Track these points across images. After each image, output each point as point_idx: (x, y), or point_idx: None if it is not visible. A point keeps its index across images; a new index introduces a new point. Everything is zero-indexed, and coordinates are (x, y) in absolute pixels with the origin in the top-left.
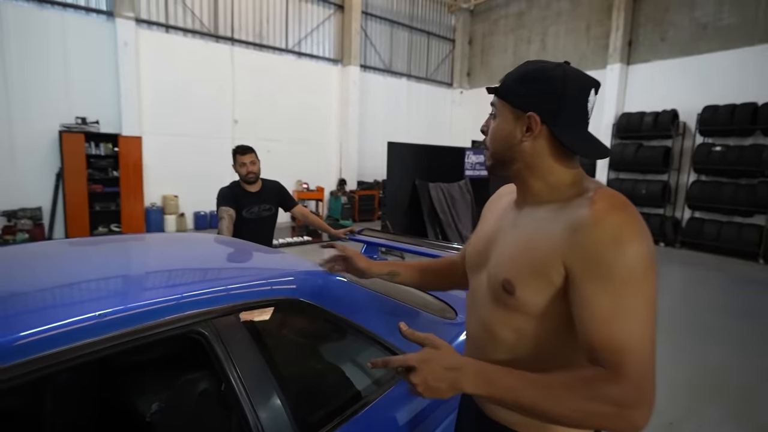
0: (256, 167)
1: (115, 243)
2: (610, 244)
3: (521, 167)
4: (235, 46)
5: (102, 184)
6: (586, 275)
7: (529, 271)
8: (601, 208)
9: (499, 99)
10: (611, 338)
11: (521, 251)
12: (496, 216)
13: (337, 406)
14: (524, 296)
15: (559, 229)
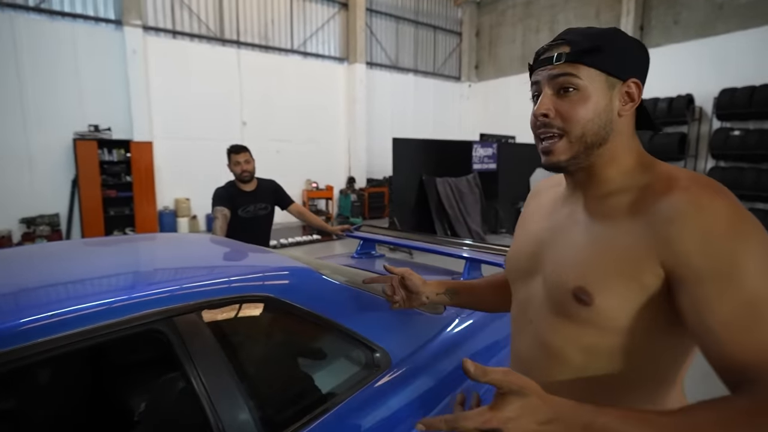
0: (250, 166)
1: (90, 246)
2: (726, 233)
3: (606, 150)
4: (241, 48)
5: (116, 189)
6: (704, 273)
7: (612, 275)
8: (700, 193)
9: (580, 65)
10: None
11: (597, 252)
12: (543, 213)
13: (306, 405)
14: (605, 306)
15: (647, 223)
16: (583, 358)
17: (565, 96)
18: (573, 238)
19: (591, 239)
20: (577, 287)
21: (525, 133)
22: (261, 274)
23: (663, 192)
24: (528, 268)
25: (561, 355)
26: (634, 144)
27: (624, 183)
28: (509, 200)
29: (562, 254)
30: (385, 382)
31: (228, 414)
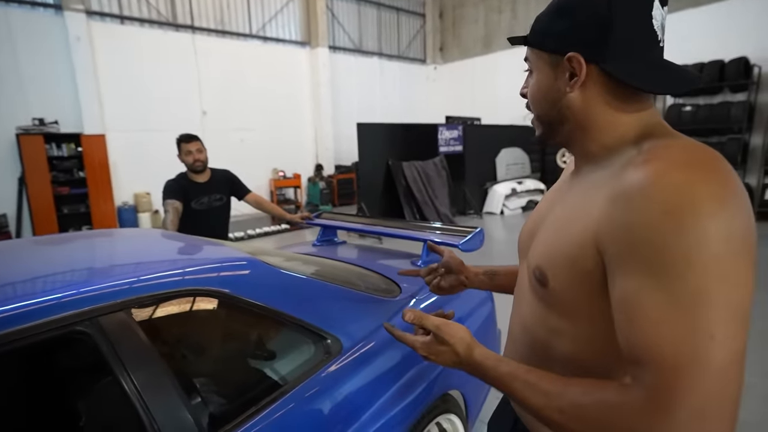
0: (203, 156)
1: (19, 246)
2: (661, 219)
3: (573, 127)
4: (196, 34)
5: (68, 185)
6: (627, 262)
7: (561, 256)
8: (658, 167)
9: (530, 49)
10: (658, 351)
11: (557, 232)
12: (554, 190)
13: (251, 398)
14: (557, 289)
15: (599, 199)
16: (550, 339)
17: (529, 77)
18: (554, 216)
19: (560, 217)
20: (536, 267)
21: (490, 115)
22: (199, 267)
23: (630, 164)
24: (525, 245)
25: (534, 334)
26: (617, 116)
27: (610, 158)
28: (476, 182)
29: (543, 232)
30: (335, 368)
31: (163, 414)
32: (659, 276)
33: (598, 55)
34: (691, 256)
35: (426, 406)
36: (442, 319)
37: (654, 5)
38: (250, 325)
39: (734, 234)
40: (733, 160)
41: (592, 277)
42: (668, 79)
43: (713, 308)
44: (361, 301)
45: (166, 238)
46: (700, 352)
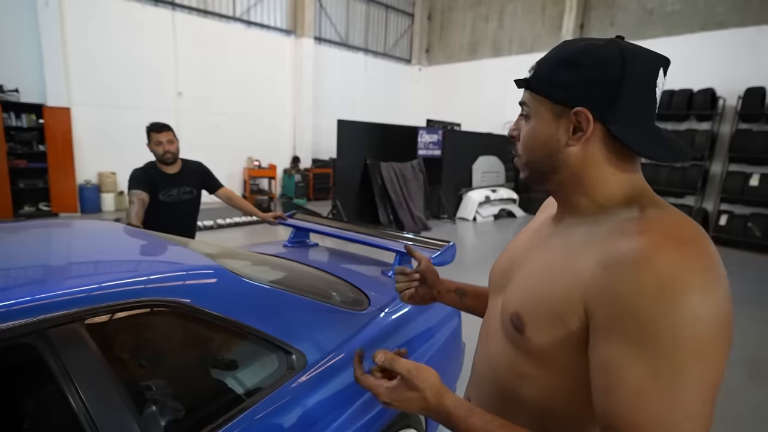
0: (174, 146)
1: None
2: (653, 296)
3: (565, 178)
4: (176, 11)
5: (26, 159)
6: (614, 330)
7: (544, 308)
8: (651, 241)
9: (532, 93)
10: (634, 421)
11: (540, 281)
12: (532, 230)
13: (210, 413)
14: (534, 338)
15: (589, 260)
16: (520, 383)
17: (525, 122)
18: (534, 262)
19: (543, 266)
20: (514, 312)
21: (470, 121)
22: (161, 275)
23: (621, 232)
24: (499, 283)
25: (501, 377)
26: (612, 174)
27: (599, 215)
28: (452, 187)
29: (521, 277)
30: (300, 383)
31: (111, 430)
32: (645, 349)
33: (606, 114)
34: (678, 335)
35: (386, 421)
36: (413, 362)
37: (659, 74)
38: (211, 338)
39: (719, 316)
40: (694, 186)
41: (573, 333)
42: (665, 148)
43: (692, 387)
44: (328, 313)
45: (129, 235)
46: (676, 428)
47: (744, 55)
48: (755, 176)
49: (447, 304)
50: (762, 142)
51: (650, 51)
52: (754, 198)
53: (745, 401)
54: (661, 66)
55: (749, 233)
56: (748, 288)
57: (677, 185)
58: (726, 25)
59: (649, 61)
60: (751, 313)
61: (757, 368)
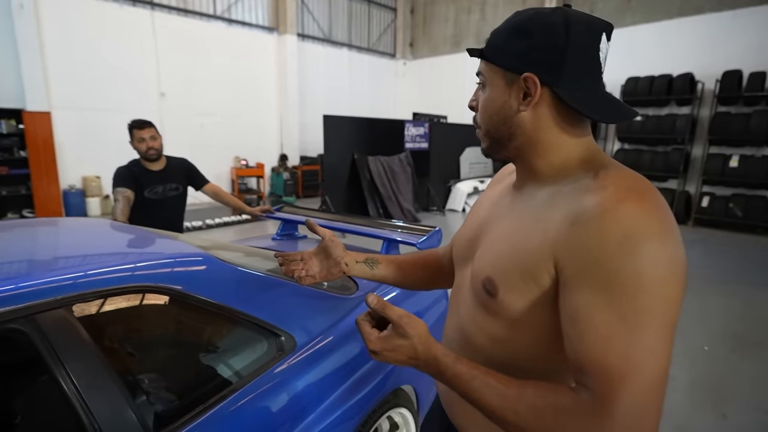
0: (157, 143)
1: None
2: (619, 243)
3: (522, 144)
4: (155, 10)
5: (7, 165)
6: (583, 281)
7: (516, 269)
8: (613, 195)
9: (486, 62)
10: (605, 362)
11: (511, 245)
12: (492, 201)
13: (200, 396)
14: (507, 300)
15: (556, 219)
16: (491, 347)
17: (481, 90)
18: (499, 229)
19: (511, 230)
20: (486, 277)
21: (456, 113)
22: (148, 262)
23: (583, 190)
24: (466, 254)
25: (472, 340)
26: (564, 138)
27: (558, 178)
28: (441, 179)
29: (488, 244)
30: (288, 365)
31: (105, 414)
32: (612, 294)
33: (553, 80)
34: (641, 278)
35: (378, 400)
36: (403, 310)
37: (602, 39)
38: (201, 323)
39: (676, 260)
40: (676, 170)
41: (543, 290)
42: (611, 110)
43: (654, 326)
44: (316, 297)
45: (115, 229)
46: (641, 364)
47: (720, 39)
48: (735, 158)
49: (357, 276)
50: (740, 124)
51: (593, 17)
52: (734, 179)
53: (729, 373)
54: (604, 31)
55: (731, 213)
56: (731, 266)
57: (660, 169)
58: (702, 10)
59: (592, 27)
60: (734, 290)
61: (740, 342)
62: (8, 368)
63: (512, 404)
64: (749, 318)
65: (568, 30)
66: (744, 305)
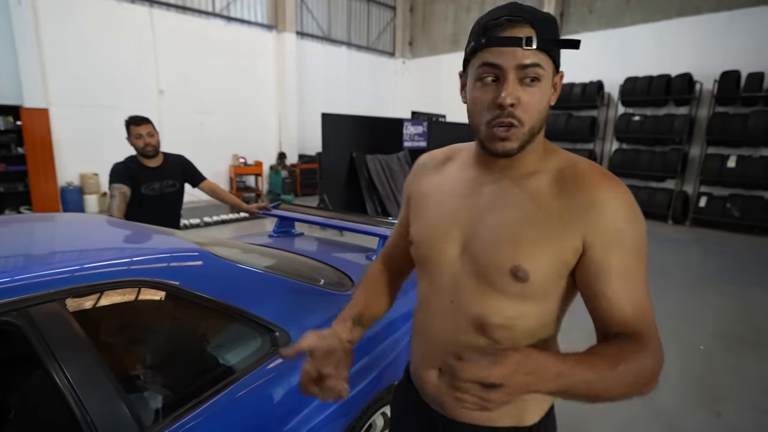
0: (154, 139)
1: None
2: (630, 220)
3: (539, 137)
4: (154, 8)
5: (5, 162)
6: (612, 250)
7: (544, 255)
8: (612, 184)
9: (545, 55)
10: (643, 308)
11: (533, 231)
12: (458, 191)
13: (193, 390)
14: (539, 281)
15: (573, 206)
16: (506, 325)
17: (529, 86)
18: (506, 217)
19: (524, 218)
20: (514, 266)
21: (455, 112)
22: (142, 257)
23: (582, 179)
24: (445, 247)
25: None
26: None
27: (538, 166)
28: None
29: (493, 234)
30: (282, 361)
31: (97, 406)
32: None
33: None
34: (644, 243)
35: (372, 397)
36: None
37: None
38: (196, 318)
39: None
40: (674, 170)
41: (567, 266)
42: None
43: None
44: (311, 294)
45: (111, 225)
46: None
47: (719, 39)
48: (732, 158)
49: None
50: (738, 125)
51: None
52: (731, 179)
53: (725, 372)
54: None
55: (728, 214)
56: (728, 266)
57: (657, 169)
58: (701, 10)
59: None
60: (731, 289)
61: (735, 341)
62: (1, 363)
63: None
64: (745, 318)
65: None
66: (740, 305)
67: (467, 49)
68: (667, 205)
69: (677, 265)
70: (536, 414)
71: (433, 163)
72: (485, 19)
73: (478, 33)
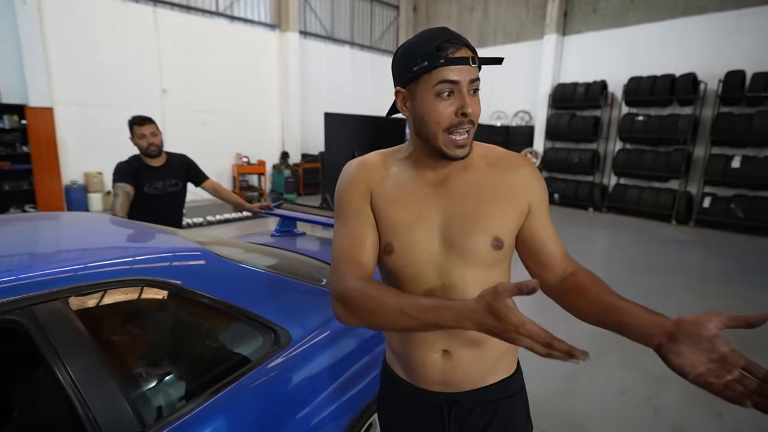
0: (157, 139)
1: None
2: (543, 184)
3: None
4: (157, 7)
5: (10, 160)
6: (542, 207)
7: (510, 221)
8: (526, 160)
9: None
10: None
11: (497, 207)
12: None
13: (193, 389)
14: (509, 245)
15: (515, 180)
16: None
17: (474, 96)
18: (472, 202)
19: (487, 198)
20: (494, 238)
21: None
22: (145, 256)
23: (507, 159)
24: (427, 246)
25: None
26: None
27: (467, 159)
28: None
29: (472, 216)
30: (282, 360)
31: (99, 404)
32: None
33: None
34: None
35: (372, 396)
36: None
37: None
38: (197, 316)
39: None
40: (678, 170)
41: (519, 228)
42: None
43: None
44: (312, 293)
45: (114, 224)
46: None
47: (724, 39)
48: (737, 158)
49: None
50: (743, 125)
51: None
52: (736, 180)
53: None
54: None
55: (732, 214)
56: (732, 267)
57: (661, 169)
58: (706, 9)
59: None
60: (735, 291)
61: (738, 343)
62: (5, 361)
63: None
64: None
65: None
66: (744, 307)
67: (418, 68)
68: (671, 206)
69: (680, 265)
70: (513, 362)
71: (377, 170)
72: (433, 42)
73: (430, 54)
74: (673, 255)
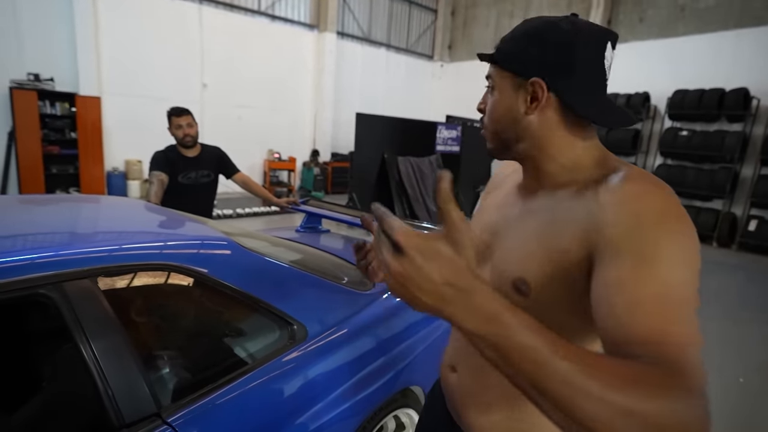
0: (193, 130)
1: (5, 201)
2: (655, 222)
3: (528, 147)
4: (203, 5)
5: (59, 145)
6: (623, 251)
7: (549, 267)
8: (640, 183)
9: (496, 67)
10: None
11: (540, 244)
12: (497, 203)
13: (209, 376)
14: (541, 298)
15: (585, 210)
16: None
17: (489, 93)
18: (522, 229)
19: (536, 231)
20: (517, 278)
21: None
22: (173, 242)
23: (608, 182)
24: (482, 255)
25: None
26: (572, 140)
27: (572, 178)
28: (470, 183)
29: (510, 245)
30: (298, 354)
31: (119, 382)
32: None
33: (560, 85)
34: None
35: (385, 399)
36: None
37: (607, 47)
38: (218, 305)
39: (698, 249)
40: (722, 189)
41: (574, 282)
42: (614, 116)
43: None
44: (332, 291)
45: (148, 210)
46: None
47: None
48: None
49: None
50: None
51: (599, 26)
52: None
53: (763, 406)
54: (609, 40)
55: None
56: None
57: (704, 188)
58: (764, 21)
59: (600, 36)
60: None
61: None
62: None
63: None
64: None
65: (576, 38)
66: None
67: None
68: (713, 227)
69: (719, 290)
70: None
71: (502, 176)
72: None
73: None
74: (712, 279)
